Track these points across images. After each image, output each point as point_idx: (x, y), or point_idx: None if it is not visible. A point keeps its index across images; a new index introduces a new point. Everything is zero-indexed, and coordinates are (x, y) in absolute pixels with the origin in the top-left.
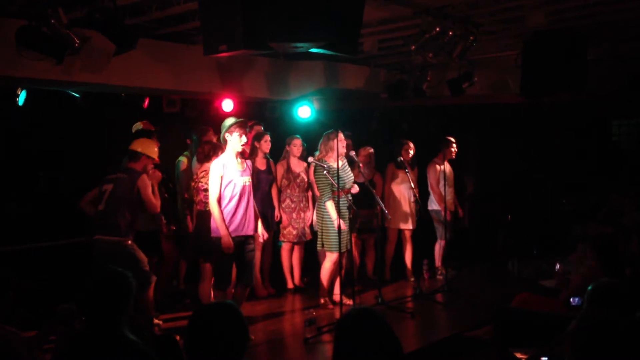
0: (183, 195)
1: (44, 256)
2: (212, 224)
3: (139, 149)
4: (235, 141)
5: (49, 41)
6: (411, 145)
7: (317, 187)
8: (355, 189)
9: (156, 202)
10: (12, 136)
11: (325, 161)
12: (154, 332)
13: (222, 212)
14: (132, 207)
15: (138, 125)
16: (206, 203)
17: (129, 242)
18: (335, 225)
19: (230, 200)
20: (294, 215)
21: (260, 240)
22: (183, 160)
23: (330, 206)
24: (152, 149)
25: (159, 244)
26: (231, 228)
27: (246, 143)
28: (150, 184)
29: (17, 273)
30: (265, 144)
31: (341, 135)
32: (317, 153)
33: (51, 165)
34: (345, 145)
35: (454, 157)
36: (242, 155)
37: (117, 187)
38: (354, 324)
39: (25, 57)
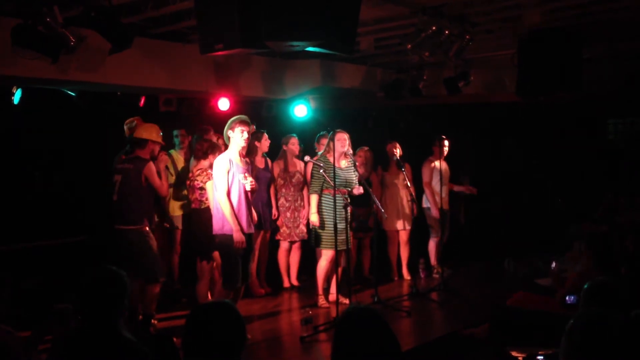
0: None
1: (40, 256)
2: (217, 223)
3: (144, 135)
4: (238, 137)
5: (44, 40)
6: (397, 145)
7: (310, 182)
8: (360, 190)
9: (164, 186)
10: (8, 135)
11: (327, 158)
12: (149, 331)
13: (232, 207)
14: (144, 195)
15: (132, 122)
16: (201, 201)
17: (146, 229)
18: (313, 220)
19: (235, 197)
20: (288, 214)
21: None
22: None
23: (313, 200)
24: (156, 133)
25: None
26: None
27: (247, 139)
28: (156, 170)
29: (13, 272)
30: (266, 142)
31: (344, 135)
32: (320, 153)
33: (47, 164)
34: (348, 144)
35: (445, 155)
36: (242, 154)
37: (126, 178)
38: (353, 322)
39: (21, 55)
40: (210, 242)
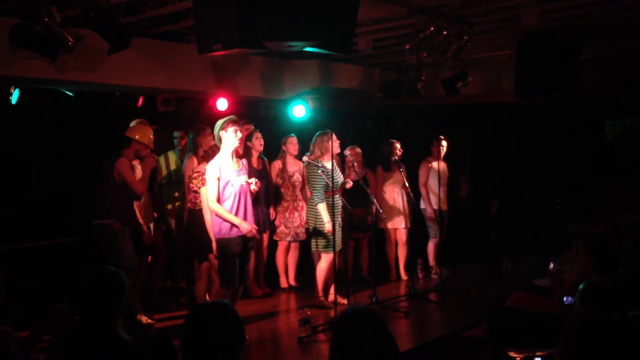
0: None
1: (37, 256)
2: (215, 227)
3: (130, 135)
4: (231, 137)
5: (42, 40)
6: (398, 146)
7: (310, 186)
8: (350, 184)
9: (139, 184)
10: (6, 135)
11: (320, 161)
12: (147, 331)
13: (224, 208)
14: (118, 191)
15: (141, 123)
16: (195, 203)
17: (116, 226)
18: (328, 228)
19: (231, 201)
20: (287, 214)
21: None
22: (160, 159)
23: (322, 209)
24: (143, 135)
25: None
26: (235, 229)
27: (241, 138)
28: (131, 165)
29: (11, 273)
30: (257, 141)
31: (334, 136)
32: (309, 153)
33: (45, 164)
34: (338, 146)
35: (442, 156)
36: (237, 154)
37: (105, 173)
38: (351, 323)
39: (19, 55)
40: (205, 243)
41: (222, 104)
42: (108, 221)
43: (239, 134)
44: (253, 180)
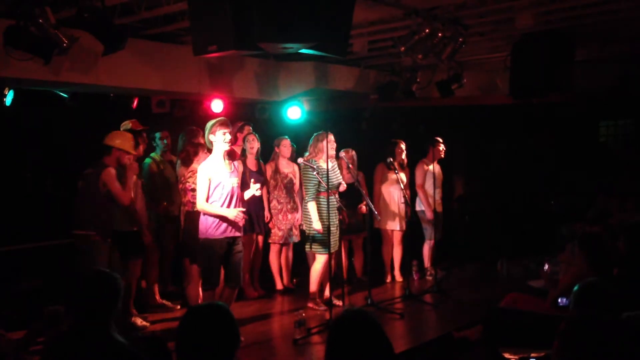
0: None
1: (32, 257)
2: (201, 227)
3: (110, 143)
4: (220, 140)
5: (36, 41)
6: (402, 145)
7: (304, 187)
8: (343, 186)
9: (125, 194)
10: (0, 137)
11: (315, 162)
12: (141, 333)
13: (211, 206)
14: (100, 201)
15: (127, 125)
16: (194, 203)
17: (96, 238)
18: (316, 227)
19: (220, 203)
20: (280, 216)
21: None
22: (150, 162)
23: (311, 207)
24: (124, 142)
25: (142, 245)
26: (220, 229)
27: (230, 140)
28: (127, 178)
29: (5, 274)
30: (249, 144)
31: (331, 137)
32: (307, 154)
33: (38, 165)
34: (334, 147)
35: (442, 156)
36: (229, 156)
37: (87, 183)
38: (347, 325)
39: (13, 57)
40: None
41: (217, 106)
42: (88, 232)
43: (228, 136)
44: (257, 186)
